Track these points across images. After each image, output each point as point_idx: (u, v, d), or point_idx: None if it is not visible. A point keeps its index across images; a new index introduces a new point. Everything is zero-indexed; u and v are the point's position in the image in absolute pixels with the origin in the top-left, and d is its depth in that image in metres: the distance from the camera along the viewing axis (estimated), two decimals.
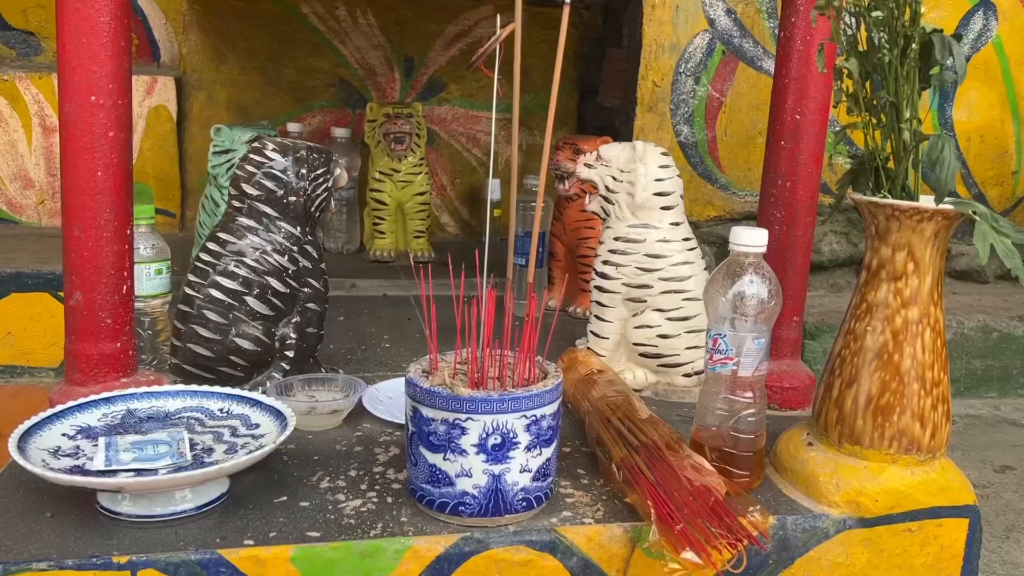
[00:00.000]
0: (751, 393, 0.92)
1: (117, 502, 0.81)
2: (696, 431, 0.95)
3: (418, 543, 0.81)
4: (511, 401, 0.80)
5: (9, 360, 1.62)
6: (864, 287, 0.93)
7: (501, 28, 0.88)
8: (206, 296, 1.08)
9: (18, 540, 0.77)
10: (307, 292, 1.14)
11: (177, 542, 0.78)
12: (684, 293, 1.21)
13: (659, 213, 1.22)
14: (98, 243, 1.01)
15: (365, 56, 2.25)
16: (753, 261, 0.90)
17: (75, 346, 1.03)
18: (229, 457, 0.86)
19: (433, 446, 0.82)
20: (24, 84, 2.03)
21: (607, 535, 0.85)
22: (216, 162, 1.51)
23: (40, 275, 1.61)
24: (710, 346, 0.92)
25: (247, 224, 1.10)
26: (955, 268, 2.18)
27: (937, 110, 2.15)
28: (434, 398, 0.81)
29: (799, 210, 1.19)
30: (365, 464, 0.97)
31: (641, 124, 2.02)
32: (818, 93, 1.17)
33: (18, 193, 2.07)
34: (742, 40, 2.04)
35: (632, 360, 1.26)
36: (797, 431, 1.00)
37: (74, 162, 0.99)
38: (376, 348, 1.43)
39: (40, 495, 0.85)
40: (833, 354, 0.96)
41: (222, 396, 0.97)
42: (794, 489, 0.95)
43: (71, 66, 0.98)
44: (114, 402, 0.94)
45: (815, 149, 1.18)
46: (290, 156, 1.11)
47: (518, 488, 0.82)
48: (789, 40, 1.17)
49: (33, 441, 0.84)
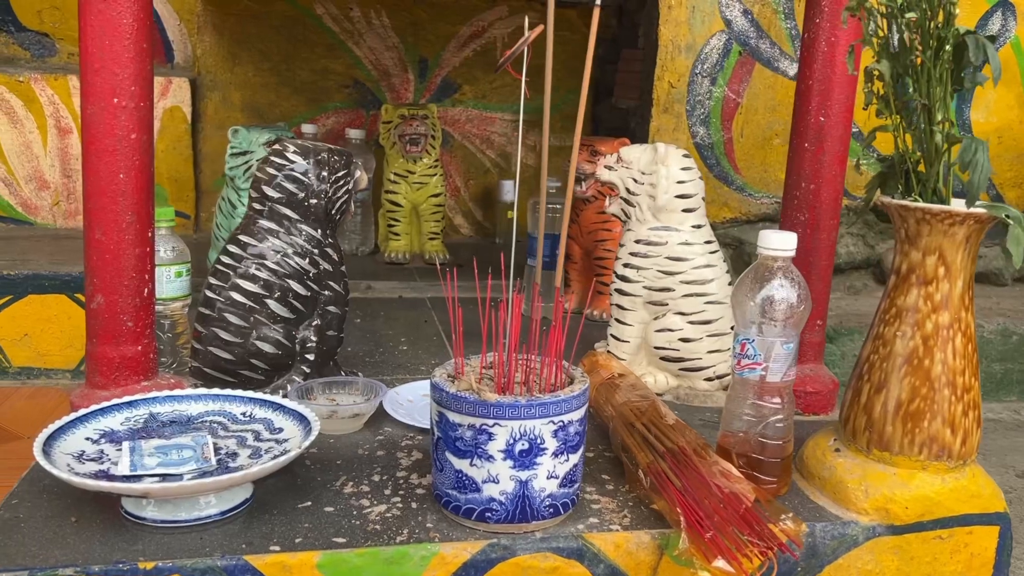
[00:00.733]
0: (779, 399, 0.91)
1: (142, 507, 0.81)
2: (723, 436, 0.94)
3: (444, 550, 0.80)
4: (539, 407, 0.79)
5: (26, 362, 1.62)
6: (893, 291, 0.92)
7: (529, 30, 0.87)
8: (227, 299, 1.08)
9: (44, 545, 0.77)
10: (327, 295, 1.14)
11: (203, 548, 0.77)
12: (706, 296, 1.20)
13: (681, 215, 1.21)
14: (120, 246, 1.00)
15: (379, 57, 2.25)
16: (782, 265, 0.89)
17: (96, 349, 1.03)
18: (254, 462, 0.85)
19: (459, 451, 0.81)
20: (40, 85, 2.03)
21: (634, 542, 0.84)
22: (233, 164, 1.51)
23: (57, 277, 1.60)
24: (738, 351, 0.91)
25: (268, 227, 1.10)
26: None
27: (955, 111, 2.13)
28: (461, 403, 0.80)
29: (822, 213, 1.18)
30: (388, 469, 0.96)
31: (657, 125, 2.01)
32: (842, 95, 1.16)
33: (33, 194, 2.07)
34: (759, 41, 2.03)
35: (653, 364, 1.25)
36: (824, 437, 0.99)
37: (96, 164, 0.99)
38: (394, 351, 1.42)
39: (64, 499, 0.85)
40: (861, 359, 0.95)
41: (244, 400, 0.97)
42: (821, 495, 0.94)
43: (93, 68, 0.97)
44: (137, 406, 0.94)
45: (839, 151, 1.17)
46: (311, 158, 1.11)
47: (545, 494, 0.82)
48: (813, 41, 1.16)
49: (58, 445, 0.83)
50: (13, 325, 1.60)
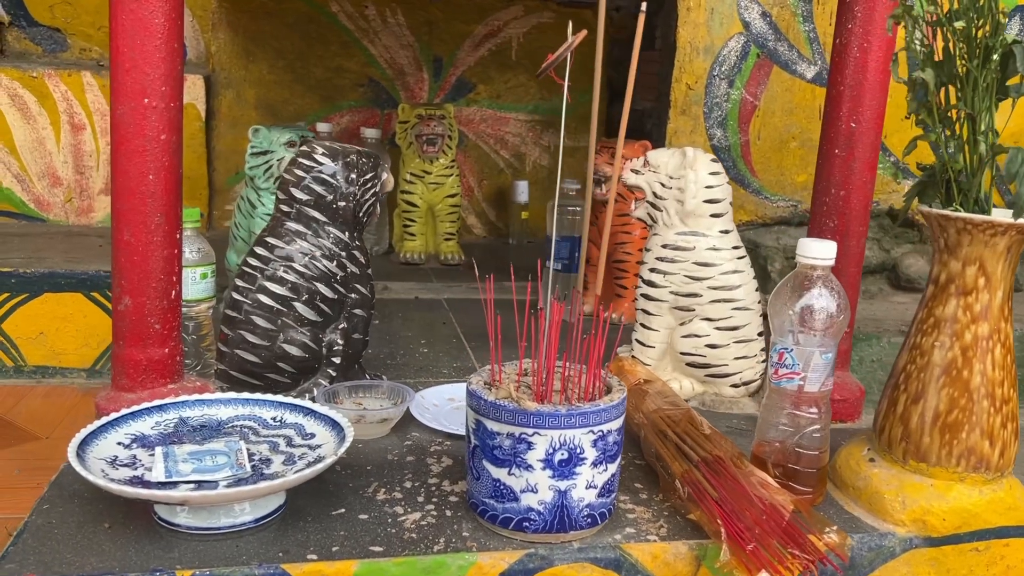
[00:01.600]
0: (816, 408, 0.90)
1: (175, 513, 0.80)
2: (758, 446, 0.94)
3: (482, 559, 0.79)
4: (579, 416, 0.78)
5: (41, 360, 1.61)
6: (931, 301, 0.91)
7: (573, 35, 0.86)
8: (254, 301, 1.07)
9: (78, 552, 0.76)
10: (354, 298, 1.13)
11: (239, 556, 0.77)
12: (734, 302, 1.19)
13: (708, 220, 1.21)
14: (148, 247, 0.99)
15: (394, 56, 2.24)
16: (821, 274, 0.88)
17: (123, 352, 1.02)
18: (289, 468, 0.84)
19: (498, 460, 0.80)
20: (53, 81, 2.02)
21: (672, 553, 0.83)
22: (254, 163, 1.50)
23: (73, 275, 1.59)
24: (775, 360, 0.90)
25: (296, 229, 1.09)
26: None
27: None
28: (500, 412, 0.79)
29: (852, 219, 1.18)
30: (419, 475, 0.95)
31: (674, 127, 2.00)
32: (874, 101, 1.15)
33: (46, 191, 2.06)
34: (777, 43, 2.02)
35: (678, 370, 1.24)
36: (857, 446, 0.98)
37: (125, 165, 0.98)
38: (414, 353, 1.41)
39: (95, 504, 0.84)
40: (897, 368, 0.94)
41: (275, 404, 0.96)
42: (856, 506, 0.93)
43: (124, 68, 0.96)
44: (166, 410, 0.93)
45: (870, 157, 1.16)
46: (340, 160, 1.10)
47: (583, 504, 0.81)
48: (845, 47, 1.15)
49: (91, 451, 0.82)
50: (29, 323, 1.59)
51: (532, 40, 2.31)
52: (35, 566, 0.73)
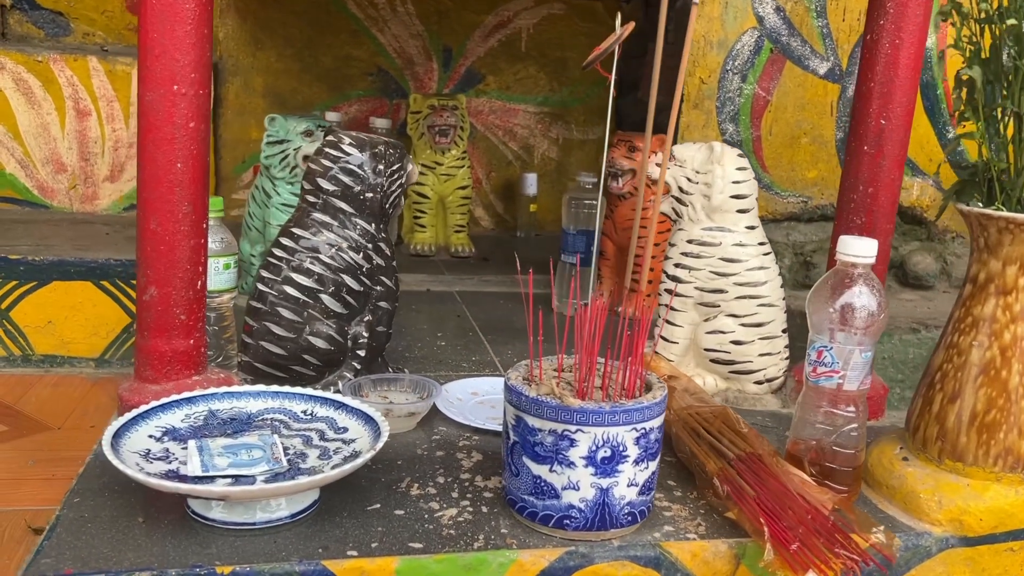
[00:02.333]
0: (854, 407, 0.89)
1: (209, 508, 0.79)
2: (793, 443, 0.93)
3: (523, 557, 0.79)
4: (622, 413, 0.78)
5: (50, 349, 1.58)
6: (969, 300, 0.91)
7: (621, 27, 0.84)
8: (279, 293, 1.05)
9: (115, 547, 0.75)
10: (379, 290, 1.12)
11: (278, 552, 0.75)
12: (759, 299, 1.19)
13: (735, 216, 1.20)
14: (175, 237, 0.98)
15: (403, 45, 2.22)
16: (862, 272, 0.88)
17: (148, 343, 1.00)
18: (325, 463, 0.83)
19: (539, 457, 0.79)
20: (58, 66, 1.99)
21: (711, 551, 0.83)
22: (269, 152, 1.48)
23: (83, 263, 1.57)
24: (813, 358, 0.90)
25: (322, 220, 1.07)
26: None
27: None
28: (542, 408, 0.78)
29: (879, 217, 1.17)
30: (451, 470, 0.94)
31: (687, 121, 1.99)
32: (904, 98, 1.14)
33: (50, 177, 2.03)
34: (790, 38, 2.01)
35: (702, 365, 1.23)
36: (889, 445, 0.98)
37: (153, 153, 0.96)
38: (431, 346, 1.40)
39: (127, 498, 0.83)
40: (932, 367, 0.94)
41: (304, 397, 0.95)
42: (891, 505, 0.93)
43: (154, 53, 0.94)
44: (196, 402, 0.91)
45: (899, 155, 1.16)
46: (367, 151, 1.08)
47: (624, 502, 0.80)
48: (876, 43, 1.14)
49: (124, 444, 0.81)
50: (37, 312, 1.57)
51: (542, 31, 2.29)
52: (72, 561, 0.72)
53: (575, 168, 2.37)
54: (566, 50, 2.32)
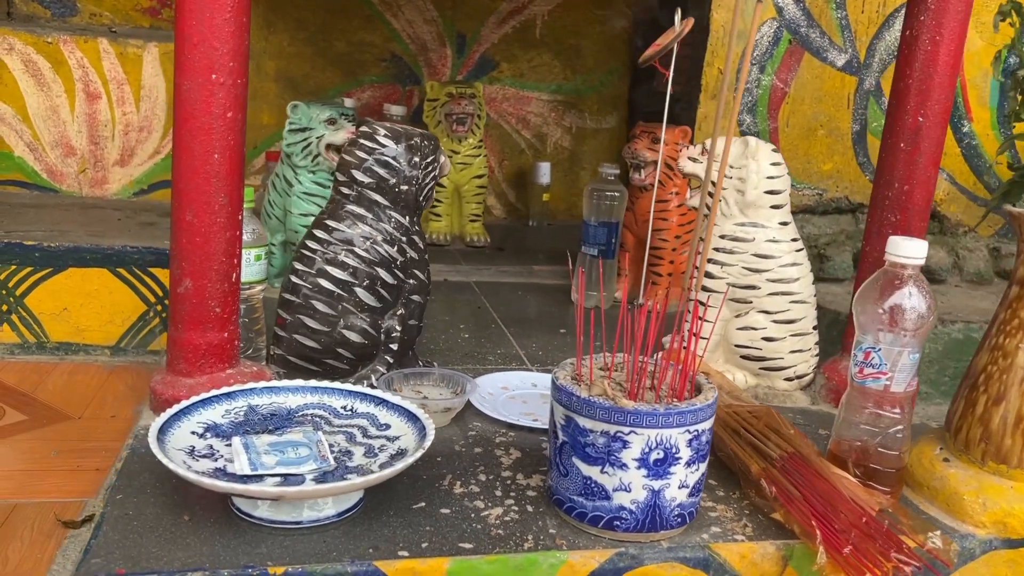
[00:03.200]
0: (900, 409, 0.89)
1: (255, 506, 0.78)
2: (836, 444, 0.93)
3: (573, 558, 0.78)
4: (676, 415, 0.77)
5: (65, 337, 1.56)
6: (1015, 302, 0.90)
7: (681, 22, 0.83)
8: (314, 285, 1.04)
9: (162, 546, 0.74)
10: (412, 284, 1.10)
11: (329, 552, 0.75)
12: (792, 295, 1.18)
13: (768, 212, 1.19)
14: (211, 229, 0.96)
15: (417, 31, 2.19)
16: (912, 273, 0.87)
17: (182, 335, 0.99)
18: (372, 461, 0.82)
19: (590, 458, 0.79)
20: (68, 47, 1.95)
21: (759, 553, 0.82)
22: (291, 140, 1.46)
23: (99, 250, 1.55)
24: (860, 359, 0.89)
25: (357, 212, 1.06)
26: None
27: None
28: (594, 409, 0.78)
29: (914, 215, 1.16)
30: (491, 467, 0.93)
31: (704, 112, 1.98)
32: (942, 95, 1.13)
33: (59, 161, 2.00)
34: (809, 30, 2.00)
35: (731, 361, 1.23)
36: (928, 445, 0.97)
37: (190, 143, 0.95)
38: (455, 338, 1.39)
39: (169, 496, 0.82)
40: (976, 369, 0.93)
41: (344, 393, 0.93)
42: (932, 506, 0.93)
43: (192, 42, 0.92)
44: (235, 398, 0.90)
45: (934, 153, 1.15)
46: (403, 143, 1.07)
47: (675, 504, 0.80)
48: (915, 39, 1.13)
49: (168, 441, 0.80)
50: (52, 299, 1.54)
51: (557, 18, 2.27)
52: (123, 561, 0.71)
53: (588, 157, 2.36)
54: (581, 37, 2.30)
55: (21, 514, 1.05)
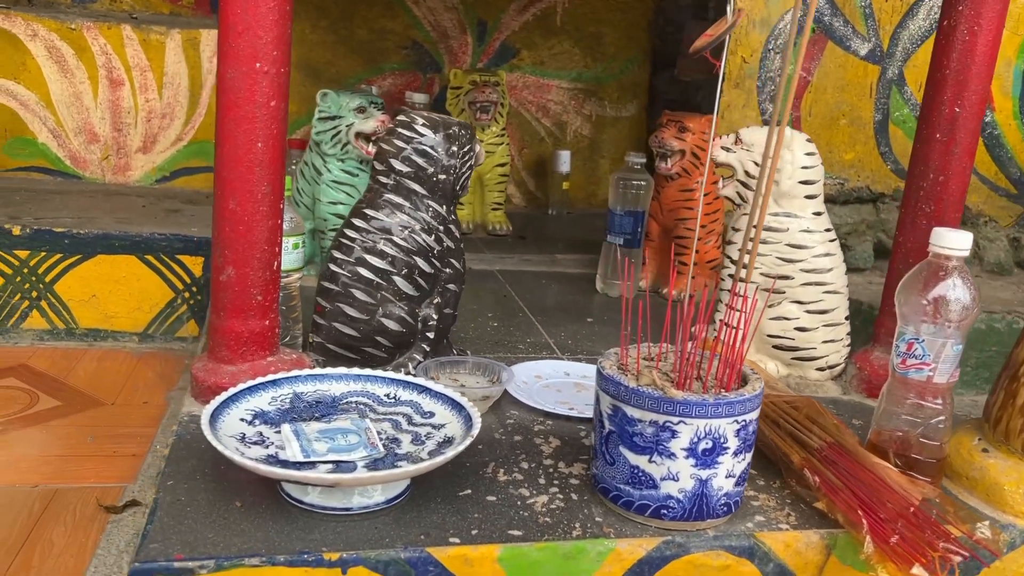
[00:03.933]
0: (942, 400, 0.90)
1: (306, 492, 0.79)
2: (876, 434, 0.93)
3: (620, 546, 0.79)
4: (725, 405, 0.77)
5: (93, 323, 1.57)
6: None
7: (734, 14, 0.83)
8: (353, 274, 1.05)
9: (218, 532, 0.74)
10: (448, 272, 1.11)
11: (382, 538, 0.75)
12: (825, 286, 1.18)
13: (802, 202, 1.19)
14: (254, 217, 0.97)
15: (438, 18, 2.19)
16: (956, 265, 0.87)
17: (224, 323, 0.99)
18: (420, 448, 0.83)
19: (637, 447, 0.79)
20: (92, 34, 1.95)
21: (803, 542, 0.83)
22: (321, 128, 1.46)
23: (127, 237, 1.56)
24: (903, 350, 0.89)
25: (395, 201, 1.06)
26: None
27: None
28: (643, 399, 0.78)
29: (949, 206, 1.16)
30: (532, 456, 0.94)
31: (727, 100, 1.98)
32: (979, 85, 1.13)
33: (82, 147, 2.00)
34: (832, 18, 1.99)
35: (764, 351, 1.23)
36: (966, 436, 0.98)
37: (233, 132, 0.95)
38: (484, 327, 1.40)
39: (220, 482, 0.82)
40: (1016, 360, 0.94)
41: (386, 381, 0.94)
42: (971, 496, 0.93)
43: (236, 30, 0.93)
44: (280, 385, 0.91)
45: (970, 144, 1.15)
46: (441, 132, 1.07)
47: (722, 493, 0.80)
48: (953, 29, 1.13)
49: (219, 428, 0.81)
50: (81, 285, 1.55)
51: (577, 6, 2.26)
52: (180, 547, 0.72)
53: (608, 146, 2.36)
54: (601, 25, 2.29)
55: (62, 499, 1.06)
